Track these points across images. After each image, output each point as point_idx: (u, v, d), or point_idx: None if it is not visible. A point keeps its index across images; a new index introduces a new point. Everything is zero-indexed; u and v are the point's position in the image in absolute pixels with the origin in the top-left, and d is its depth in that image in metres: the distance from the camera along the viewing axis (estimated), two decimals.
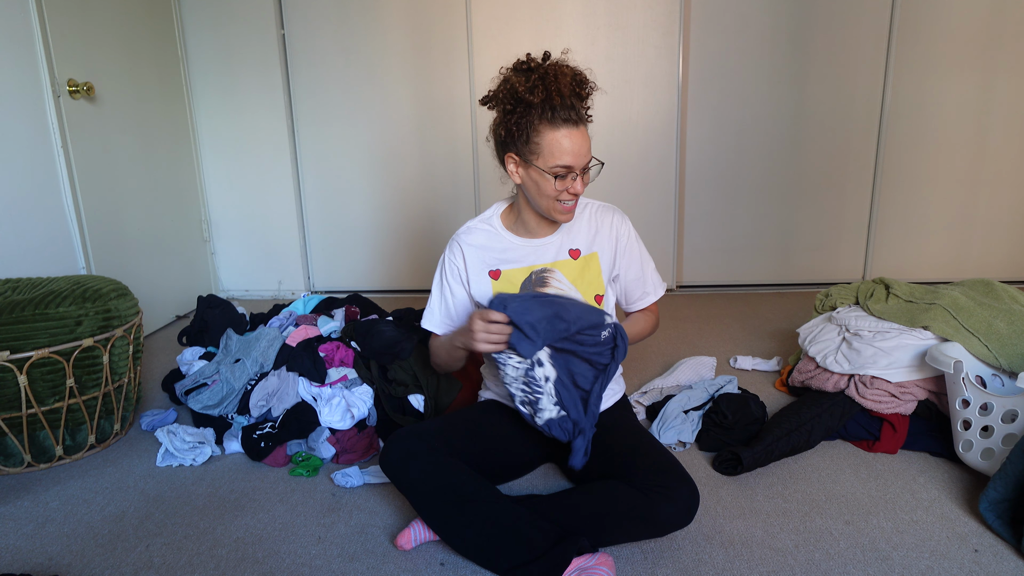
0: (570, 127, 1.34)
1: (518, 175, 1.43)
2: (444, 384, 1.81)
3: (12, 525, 1.50)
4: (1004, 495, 1.37)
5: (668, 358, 2.40)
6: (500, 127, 1.42)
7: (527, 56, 1.39)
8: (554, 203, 1.41)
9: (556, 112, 1.33)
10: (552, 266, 1.49)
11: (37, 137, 2.33)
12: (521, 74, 1.37)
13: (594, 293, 1.50)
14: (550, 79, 1.33)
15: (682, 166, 3.34)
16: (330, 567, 1.33)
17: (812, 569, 1.29)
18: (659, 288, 1.62)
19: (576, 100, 1.36)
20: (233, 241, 3.49)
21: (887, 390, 1.73)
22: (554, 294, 1.42)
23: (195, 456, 1.75)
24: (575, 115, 1.35)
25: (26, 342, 1.63)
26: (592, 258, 1.50)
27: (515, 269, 1.50)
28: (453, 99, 3.28)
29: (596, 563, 1.23)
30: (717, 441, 1.75)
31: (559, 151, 1.35)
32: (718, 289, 3.50)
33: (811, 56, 3.17)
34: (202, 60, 3.25)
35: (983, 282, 1.90)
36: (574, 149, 1.35)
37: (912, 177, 3.30)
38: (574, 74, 1.36)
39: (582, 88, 1.38)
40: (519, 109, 1.35)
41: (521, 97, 1.34)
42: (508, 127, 1.38)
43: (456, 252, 1.54)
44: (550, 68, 1.35)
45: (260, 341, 1.96)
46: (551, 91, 1.32)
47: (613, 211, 1.55)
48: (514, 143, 1.39)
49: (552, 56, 1.39)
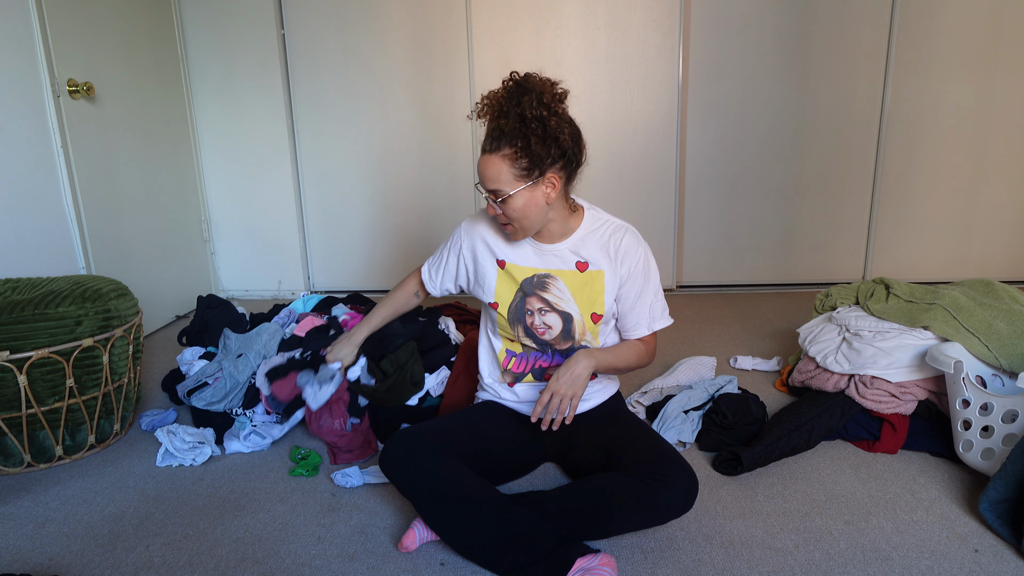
0: (483, 149, 1.38)
1: None
2: (416, 364, 1.86)
3: (12, 525, 1.50)
4: (1004, 495, 1.37)
5: (668, 358, 2.40)
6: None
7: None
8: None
9: (487, 131, 1.38)
10: (557, 273, 1.48)
11: (37, 137, 2.33)
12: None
13: (591, 311, 1.48)
14: (490, 98, 1.37)
15: (682, 166, 3.34)
16: (330, 567, 1.33)
17: (812, 569, 1.29)
18: (656, 322, 1.52)
19: (496, 127, 1.35)
20: (233, 241, 3.49)
21: (887, 390, 1.73)
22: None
23: (195, 456, 1.75)
24: (487, 138, 1.36)
25: (26, 342, 1.63)
26: (598, 275, 1.47)
27: (520, 266, 1.50)
28: (453, 99, 3.28)
29: (599, 563, 1.23)
30: (717, 441, 1.75)
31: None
32: (718, 289, 3.50)
33: (811, 56, 3.17)
34: (202, 60, 3.25)
35: (983, 282, 1.90)
36: (479, 171, 1.39)
37: (912, 177, 3.30)
38: (511, 93, 1.35)
39: (516, 109, 1.33)
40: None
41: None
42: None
43: (470, 234, 1.58)
44: (501, 85, 1.38)
45: (261, 336, 1.98)
46: (484, 112, 1.38)
47: (626, 232, 1.49)
48: None
49: (535, 76, 1.37)
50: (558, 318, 1.48)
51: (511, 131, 1.32)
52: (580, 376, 1.39)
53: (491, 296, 1.52)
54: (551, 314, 1.48)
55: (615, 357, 1.49)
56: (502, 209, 1.39)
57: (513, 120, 1.32)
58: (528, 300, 1.49)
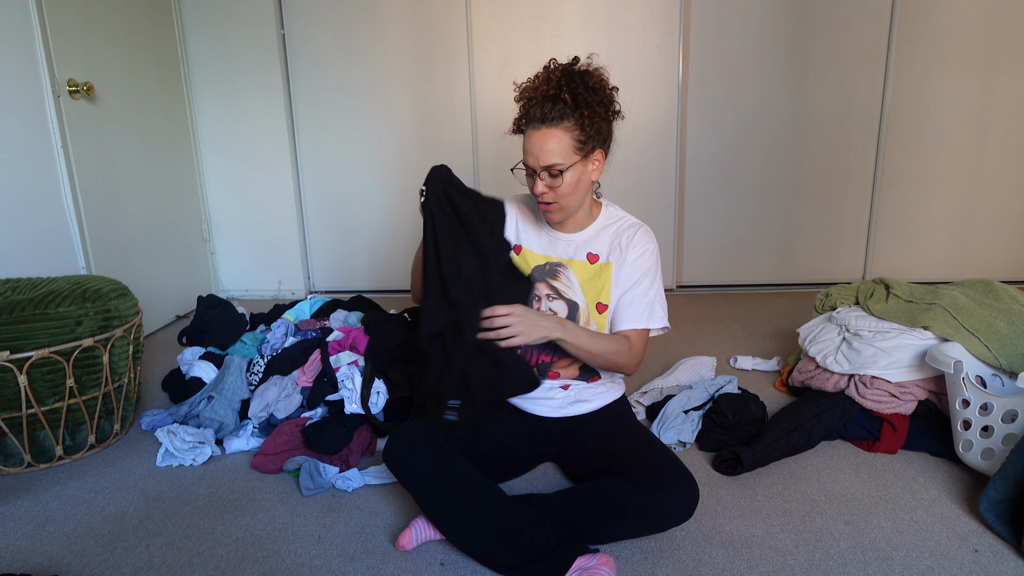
0: (534, 126, 1.38)
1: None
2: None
3: (12, 525, 1.50)
4: (1004, 495, 1.37)
5: (668, 358, 2.40)
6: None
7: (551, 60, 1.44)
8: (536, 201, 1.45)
9: (531, 111, 1.39)
10: (568, 263, 1.51)
11: (37, 137, 2.33)
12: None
13: (597, 301, 1.49)
14: (540, 78, 1.39)
15: (682, 166, 3.34)
16: (330, 567, 1.33)
17: (812, 569, 1.29)
18: (652, 320, 1.46)
19: (552, 100, 1.36)
20: (233, 241, 3.49)
21: (887, 390, 1.73)
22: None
23: (195, 456, 1.75)
24: (540, 113, 1.36)
25: (26, 342, 1.63)
26: (607, 267, 1.50)
27: (534, 253, 1.53)
28: (453, 99, 3.28)
29: (597, 563, 1.23)
30: (717, 441, 1.75)
31: (526, 148, 1.40)
32: (718, 289, 3.50)
33: (811, 56, 3.17)
34: (202, 60, 3.25)
35: (983, 282, 1.90)
36: (531, 148, 1.38)
37: (912, 177, 3.30)
38: (564, 71, 1.39)
39: (570, 85, 1.37)
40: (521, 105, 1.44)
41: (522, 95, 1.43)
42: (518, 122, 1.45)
43: (512, 206, 1.59)
44: (545, 69, 1.41)
45: (228, 374, 1.92)
46: (537, 91, 1.38)
47: (639, 228, 1.51)
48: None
49: (580, 61, 1.43)
50: (564, 305, 1.49)
51: (573, 103, 1.35)
52: (540, 329, 1.34)
53: None
54: (558, 301, 1.49)
55: (589, 339, 1.40)
56: (554, 185, 1.39)
57: (580, 92, 1.35)
58: (537, 285, 1.51)
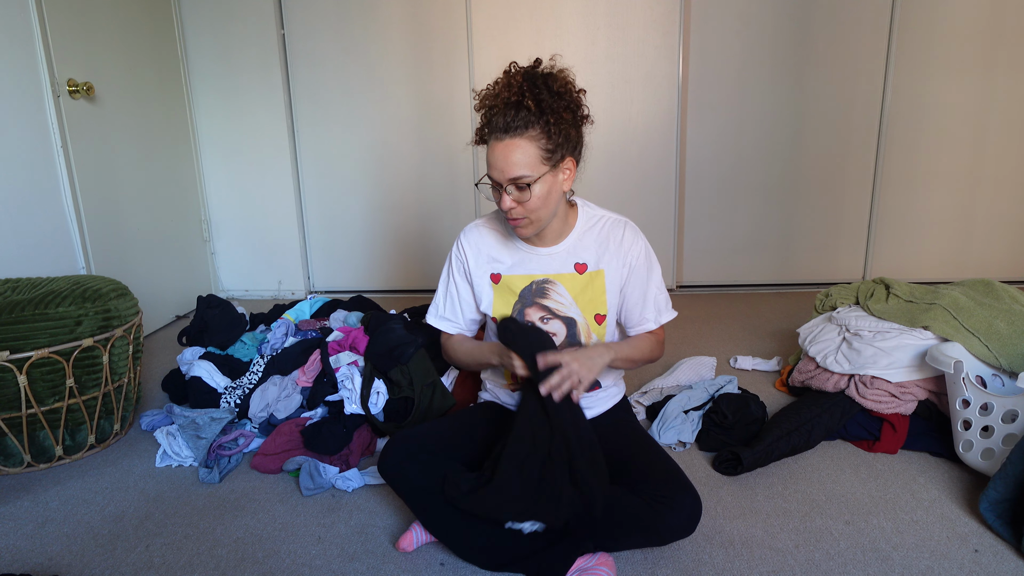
0: (497, 137, 1.28)
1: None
2: (438, 398, 1.80)
3: (12, 525, 1.50)
4: (1004, 495, 1.37)
5: (668, 358, 2.40)
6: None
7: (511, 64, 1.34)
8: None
9: (493, 120, 1.28)
10: (555, 278, 1.43)
11: (37, 137, 2.33)
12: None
13: (594, 312, 1.44)
14: (500, 84, 1.29)
15: (682, 166, 3.34)
16: (330, 567, 1.33)
17: (812, 569, 1.29)
18: (663, 315, 1.49)
19: (515, 107, 1.26)
20: (233, 241, 3.49)
21: (887, 390, 1.73)
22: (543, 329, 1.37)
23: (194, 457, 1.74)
24: (503, 122, 1.26)
25: (26, 342, 1.63)
26: (598, 275, 1.44)
27: (516, 276, 1.45)
28: (453, 99, 3.28)
29: (596, 563, 1.23)
30: (717, 441, 1.75)
31: (489, 161, 1.31)
32: (718, 289, 3.50)
33: (811, 56, 3.17)
34: (202, 60, 3.25)
35: (983, 282, 1.90)
36: (495, 161, 1.29)
37: (912, 177, 3.30)
38: (526, 75, 1.28)
39: (532, 91, 1.26)
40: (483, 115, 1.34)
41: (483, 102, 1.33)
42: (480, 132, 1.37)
43: (461, 249, 1.50)
44: (505, 73, 1.30)
45: (208, 427, 1.80)
46: (498, 98, 1.28)
47: (625, 226, 1.45)
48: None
49: (543, 63, 1.32)
50: (561, 324, 1.44)
51: (537, 110, 1.25)
52: (596, 363, 1.30)
53: (490, 311, 1.48)
54: (554, 321, 1.44)
55: (632, 349, 1.44)
56: (522, 199, 1.29)
57: (544, 96, 1.26)
58: (527, 312, 1.44)
